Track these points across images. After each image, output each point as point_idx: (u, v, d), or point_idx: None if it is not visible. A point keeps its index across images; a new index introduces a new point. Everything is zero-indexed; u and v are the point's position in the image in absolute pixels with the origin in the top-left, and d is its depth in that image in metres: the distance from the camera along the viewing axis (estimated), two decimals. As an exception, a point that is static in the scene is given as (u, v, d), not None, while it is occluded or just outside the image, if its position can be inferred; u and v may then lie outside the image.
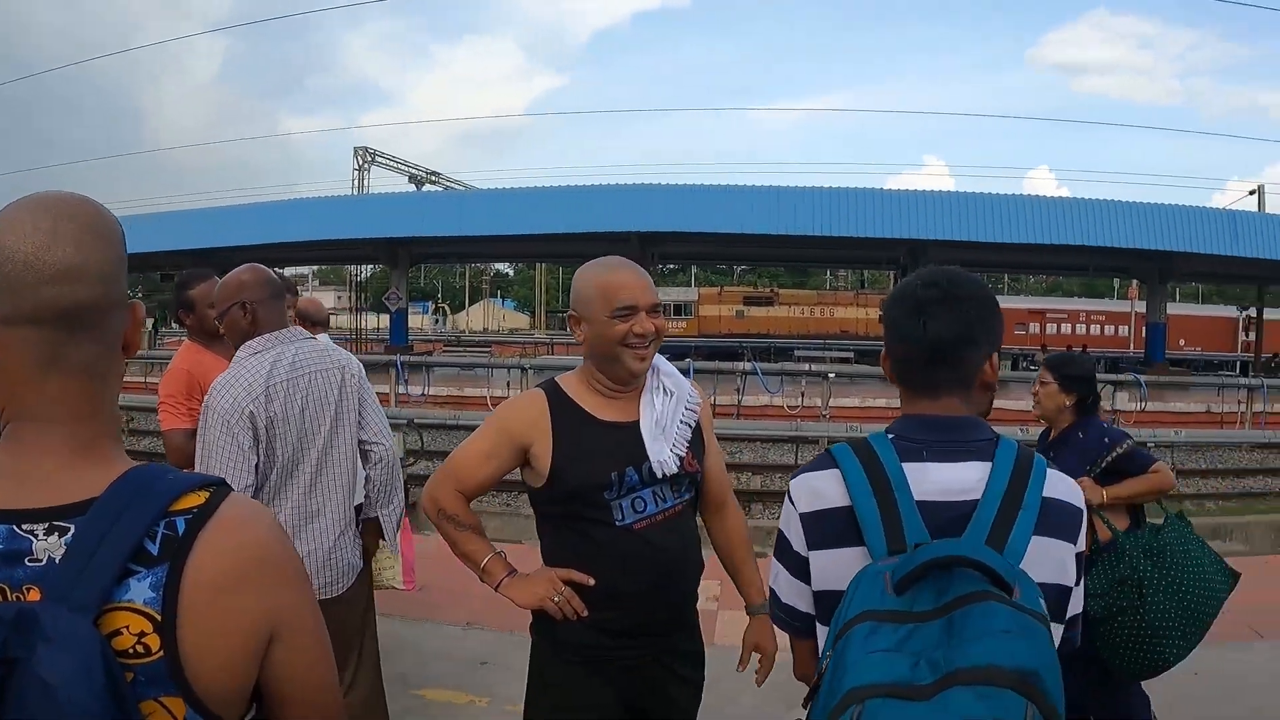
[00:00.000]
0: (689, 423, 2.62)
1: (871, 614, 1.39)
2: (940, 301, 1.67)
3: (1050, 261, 38.11)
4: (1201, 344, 48.64)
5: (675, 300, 47.24)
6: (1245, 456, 19.01)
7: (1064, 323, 48.28)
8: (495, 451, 2.56)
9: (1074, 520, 1.63)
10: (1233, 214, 31.29)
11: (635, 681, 2.55)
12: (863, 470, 1.62)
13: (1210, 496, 15.83)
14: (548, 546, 2.61)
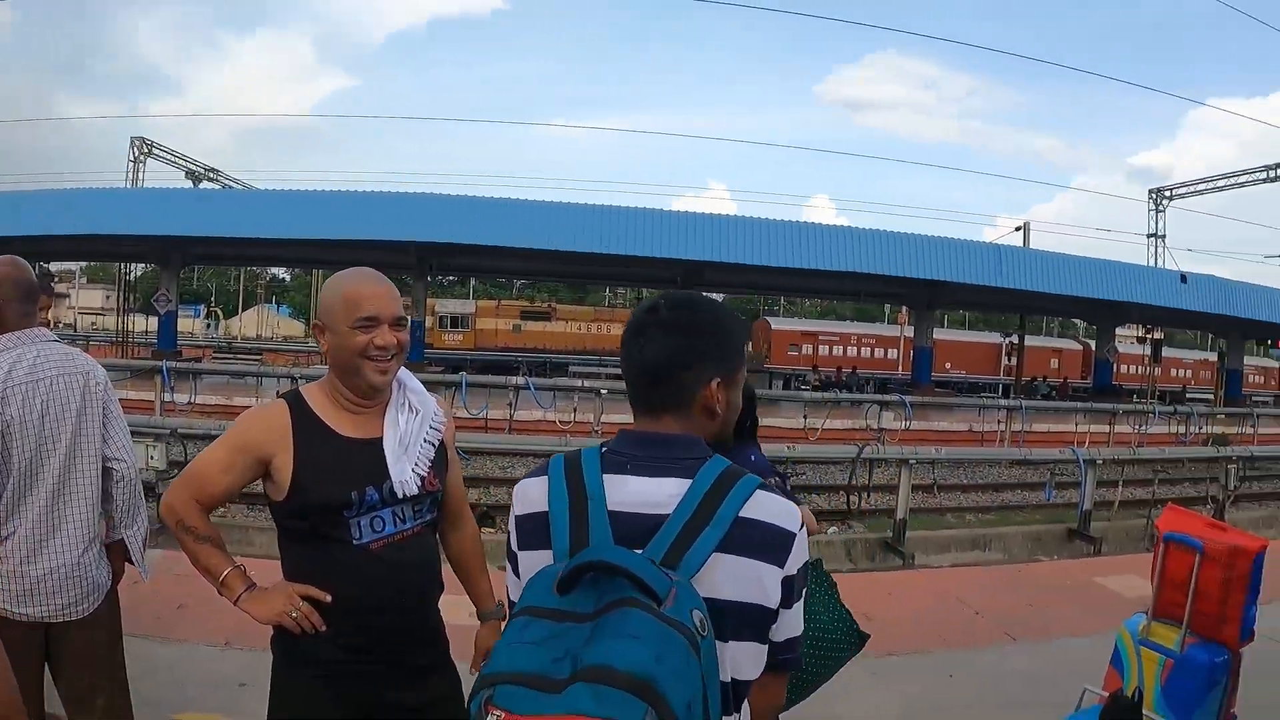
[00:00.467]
0: (433, 441, 2.65)
1: (532, 610, 1.46)
2: (657, 325, 1.74)
3: (825, 286, 39.87)
4: (966, 367, 51.79)
5: (452, 312, 47.05)
6: (1004, 472, 20.26)
7: (836, 345, 50.44)
8: (233, 463, 2.52)
9: (779, 542, 1.65)
10: (998, 248, 33.65)
11: (373, 697, 2.52)
12: (565, 478, 1.70)
13: (971, 509, 16.81)
14: (287, 561, 2.57)
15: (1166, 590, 3.84)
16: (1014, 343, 46.86)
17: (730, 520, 1.60)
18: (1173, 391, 51.80)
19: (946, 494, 17.89)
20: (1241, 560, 3.63)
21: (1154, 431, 27.15)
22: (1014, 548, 13.59)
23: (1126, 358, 51.30)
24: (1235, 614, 3.69)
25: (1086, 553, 12.84)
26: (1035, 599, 7.33)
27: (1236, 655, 3.78)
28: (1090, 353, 50.70)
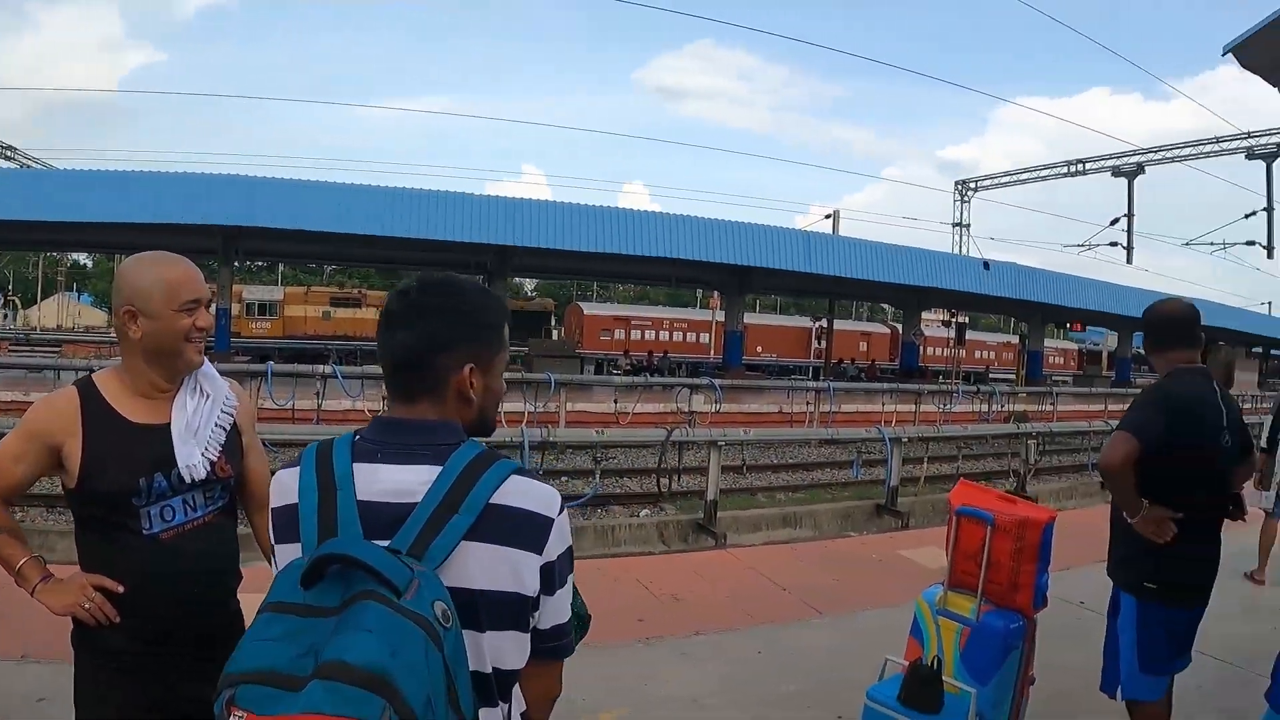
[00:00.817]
0: (224, 425, 2.60)
1: (277, 605, 1.42)
2: (410, 309, 1.72)
3: (638, 271, 40.14)
4: (778, 351, 53.18)
5: (260, 299, 45.78)
6: (814, 451, 20.84)
7: (648, 329, 51.09)
8: (25, 453, 2.47)
9: (535, 529, 1.64)
10: (808, 235, 34.54)
11: (169, 688, 2.46)
12: (315, 468, 1.66)
13: (781, 489, 17.16)
14: (82, 552, 2.52)
15: (960, 561, 3.96)
16: (823, 326, 48.37)
17: (480, 507, 1.58)
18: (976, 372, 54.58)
19: (757, 474, 18.23)
20: (1031, 531, 3.78)
21: (958, 410, 28.48)
22: (824, 524, 13.95)
23: (932, 340, 53.73)
24: (1028, 582, 3.84)
25: (894, 527, 13.28)
26: (841, 574, 7.53)
27: (1031, 621, 3.94)
28: (898, 336, 52.77)
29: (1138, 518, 3.66)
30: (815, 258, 32.78)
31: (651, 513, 13.99)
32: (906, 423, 23.66)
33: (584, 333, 48.47)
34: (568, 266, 38.94)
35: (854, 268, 34.22)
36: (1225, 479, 3.91)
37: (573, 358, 35.12)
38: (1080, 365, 68.43)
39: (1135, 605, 3.81)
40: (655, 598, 6.53)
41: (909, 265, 36.08)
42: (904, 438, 14.83)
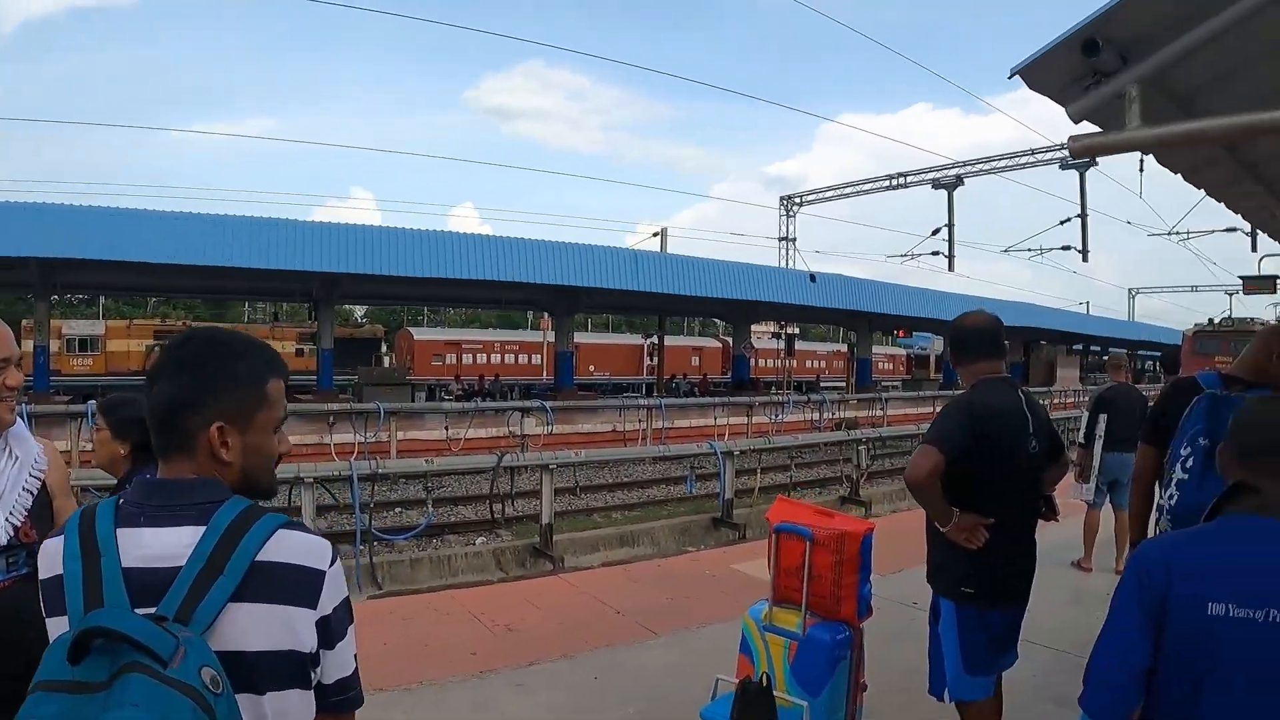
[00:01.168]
0: (31, 489, 2.51)
1: (47, 684, 1.35)
2: (162, 368, 1.66)
3: (468, 295, 39.76)
4: (610, 369, 53.44)
5: (80, 335, 43.87)
6: (648, 469, 20.94)
7: (480, 353, 50.66)
8: None
9: (306, 583, 1.59)
10: (635, 253, 34.73)
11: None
12: (79, 536, 1.56)
13: (618, 508, 17.22)
14: None
15: (783, 577, 4.01)
16: (655, 343, 48.80)
17: (245, 566, 1.52)
18: (808, 381, 55.84)
19: (593, 495, 18.27)
20: (850, 544, 3.84)
21: (790, 420, 29.11)
22: (662, 541, 14.03)
23: (763, 352, 54.73)
24: (850, 593, 3.90)
25: (731, 539, 13.44)
26: (676, 592, 7.55)
27: (857, 630, 4.00)
28: (729, 349, 53.65)
29: (949, 526, 3.75)
30: (643, 276, 33.04)
31: (487, 540, 13.85)
32: (740, 435, 24.09)
33: (415, 359, 47.80)
34: (397, 292, 38.28)
35: (682, 284, 34.61)
36: (1036, 483, 4.02)
37: (403, 385, 34.57)
38: (909, 370, 70.98)
39: (954, 610, 3.89)
40: (489, 629, 6.42)
41: (737, 280, 36.68)
42: (736, 450, 15.05)
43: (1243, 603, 1.98)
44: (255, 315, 70.87)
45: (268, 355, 1.77)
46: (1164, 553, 2.17)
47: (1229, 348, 34.09)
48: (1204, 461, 3.57)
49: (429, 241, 28.66)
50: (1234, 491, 2.21)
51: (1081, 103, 4.34)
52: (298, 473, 10.95)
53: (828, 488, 19.22)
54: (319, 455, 18.60)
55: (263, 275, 27.66)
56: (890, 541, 8.19)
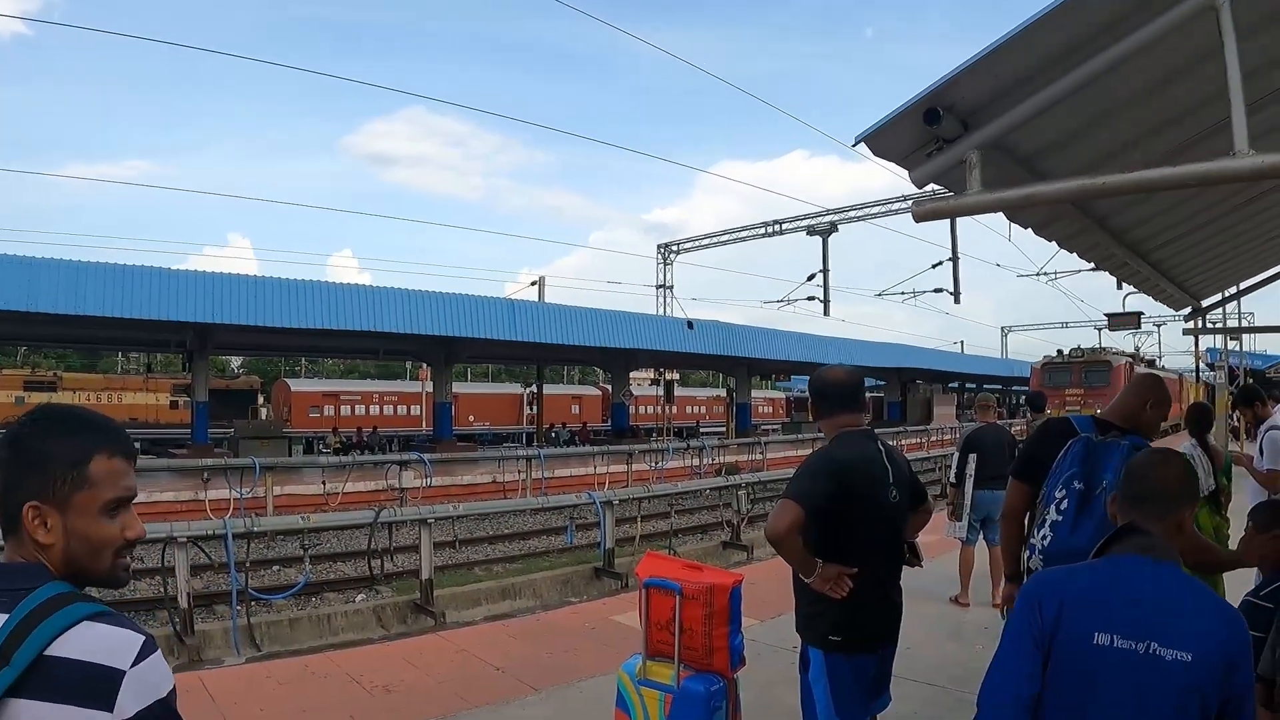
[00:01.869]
0: None
1: None
2: (0, 445, 1.63)
3: (346, 345, 39.24)
4: (490, 419, 53.17)
5: (-56, 386, 41.68)
6: (529, 520, 20.83)
7: (358, 404, 49.98)
8: None
9: (99, 682, 1.47)
10: (513, 303, 34.64)
11: None
12: None
13: (500, 560, 17.10)
14: None
15: (654, 631, 4.07)
16: (533, 392, 48.72)
17: (29, 660, 1.43)
18: (688, 427, 56.32)
19: (473, 547, 18.13)
20: (719, 596, 3.93)
21: (671, 466, 29.26)
22: (545, 593, 14.00)
23: (643, 399, 55.05)
24: (722, 645, 3.97)
25: (614, 589, 13.47)
26: (555, 646, 7.56)
27: (731, 681, 4.07)
28: (609, 397, 53.74)
29: (813, 577, 3.85)
30: (521, 325, 33.03)
31: (367, 597, 13.64)
32: (620, 483, 24.14)
33: (292, 410, 46.92)
34: (273, 343, 37.53)
35: (560, 333, 34.66)
36: (898, 531, 4.13)
37: (280, 438, 33.83)
38: (789, 413, 72.03)
39: (823, 658, 3.96)
40: (367, 691, 6.35)
41: (615, 328, 36.89)
42: (616, 500, 15.12)
43: (1125, 634, 2.17)
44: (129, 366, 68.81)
45: (99, 433, 1.69)
46: (1056, 586, 2.36)
47: (1079, 379, 33.39)
48: (1077, 505, 3.78)
49: (306, 291, 28.19)
50: (1123, 532, 2.42)
51: (924, 169, 4.54)
52: (170, 532, 10.68)
53: (709, 533, 19.42)
54: (193, 513, 18.14)
55: (134, 325, 26.82)
56: (770, 586, 8.37)
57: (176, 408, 47.28)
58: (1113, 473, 3.81)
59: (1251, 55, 3.92)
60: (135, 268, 25.49)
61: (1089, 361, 36.16)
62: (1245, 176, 3.71)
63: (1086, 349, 38.13)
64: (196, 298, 25.85)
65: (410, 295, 30.44)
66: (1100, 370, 35.29)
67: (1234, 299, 13.16)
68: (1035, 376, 37.35)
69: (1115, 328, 30.15)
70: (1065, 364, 36.54)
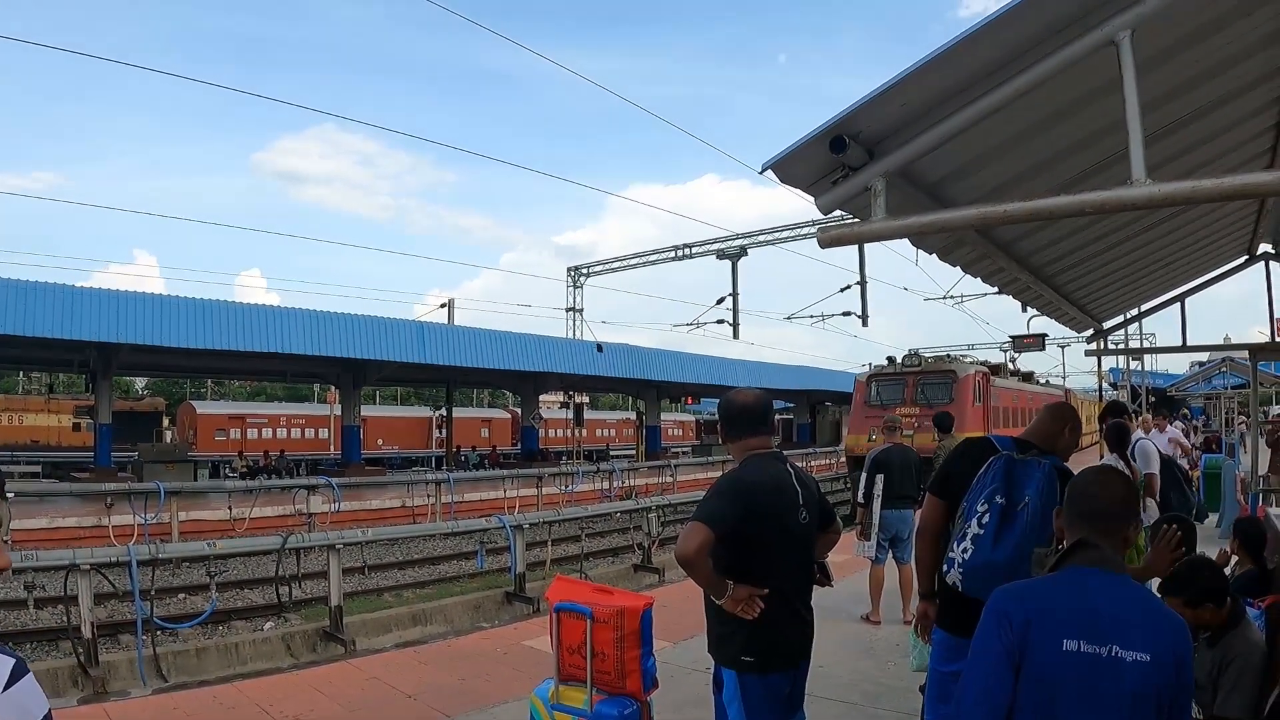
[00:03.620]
0: None
1: None
2: None
3: (252, 367, 38.53)
4: (399, 442, 52.53)
5: None
6: (439, 544, 20.70)
7: (265, 427, 48.98)
8: None
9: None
10: (422, 325, 34.39)
11: None
12: None
13: (410, 586, 16.93)
14: None
15: (566, 655, 4.12)
16: (443, 415, 48.31)
17: None
18: (598, 450, 56.22)
19: (383, 573, 17.91)
20: (630, 619, 3.98)
21: (581, 489, 29.23)
22: (456, 618, 13.90)
23: (552, 422, 54.88)
24: (634, 667, 4.03)
25: (525, 614, 13.41)
26: (468, 671, 7.54)
27: (644, 704, 4.12)
28: (518, 420, 53.49)
29: (724, 598, 3.90)
30: (429, 348, 32.81)
31: (276, 624, 13.42)
32: (530, 507, 24.06)
33: (198, 433, 45.83)
34: (179, 363, 36.71)
35: (469, 356, 34.51)
36: (808, 551, 4.20)
37: (186, 461, 33.09)
38: (699, 435, 72.33)
39: (736, 678, 3.99)
40: (277, 720, 6.28)
41: (524, 351, 36.82)
42: (526, 524, 15.07)
43: (1090, 640, 2.35)
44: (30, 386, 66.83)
45: None
46: (1021, 599, 2.51)
47: (914, 394, 27.65)
48: (999, 519, 3.92)
49: (212, 311, 27.65)
50: (1075, 548, 2.58)
51: (830, 196, 4.63)
52: (73, 559, 10.42)
53: (621, 556, 19.41)
54: (96, 539, 17.68)
55: (35, 344, 26.05)
56: (681, 608, 8.45)
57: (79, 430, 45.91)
58: (1034, 490, 3.99)
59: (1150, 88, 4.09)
60: (37, 284, 24.80)
61: (927, 372, 28.32)
62: (1141, 205, 3.87)
63: (929, 356, 30.67)
64: (100, 316, 25.21)
65: (318, 316, 30.08)
66: (941, 383, 27.64)
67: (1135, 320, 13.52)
68: (859, 391, 29.79)
69: (1021, 349, 30.67)
70: (897, 375, 28.80)
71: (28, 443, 43.21)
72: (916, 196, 5.18)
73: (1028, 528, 3.95)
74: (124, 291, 26.28)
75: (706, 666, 5.85)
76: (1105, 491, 2.71)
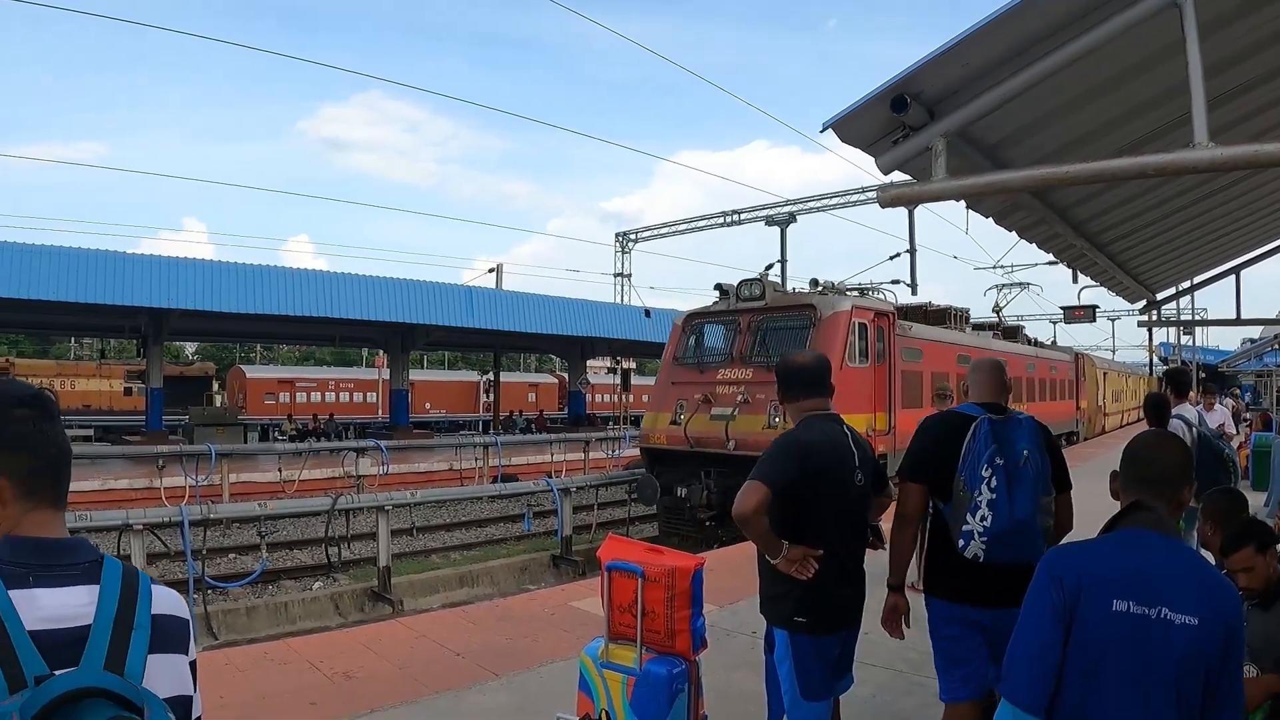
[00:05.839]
0: None
1: None
2: (46, 410, 1.67)
3: (301, 331, 38.85)
4: (447, 406, 52.86)
5: (-108, 370, 40.48)
6: (486, 507, 20.79)
7: (314, 391, 49.44)
8: None
9: (184, 632, 1.67)
10: (470, 289, 34.49)
11: None
12: None
13: (456, 548, 17.03)
14: None
15: (616, 614, 4.08)
16: (490, 379, 48.50)
17: (150, 621, 1.57)
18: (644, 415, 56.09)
19: (430, 535, 18.06)
20: (680, 579, 3.93)
21: (627, 454, 29.23)
22: (503, 580, 14.00)
23: (599, 387, 54.93)
24: (684, 627, 3.98)
25: (571, 576, 13.50)
26: (515, 632, 7.55)
27: (693, 663, 4.08)
28: (565, 385, 53.57)
29: (779, 558, 3.89)
30: (478, 312, 32.88)
31: (325, 584, 13.57)
32: (577, 471, 24.13)
33: (248, 397, 46.40)
34: (228, 328, 37.10)
35: (517, 320, 34.56)
36: (862, 513, 4.20)
37: (236, 425, 33.47)
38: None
39: (788, 639, 4.01)
40: (327, 678, 6.31)
41: (572, 316, 36.82)
42: (573, 487, 15.12)
43: (1139, 601, 2.34)
44: (82, 352, 67.87)
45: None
46: (1073, 561, 2.51)
47: (747, 345, 16.00)
48: (1006, 480, 3.89)
49: (262, 276, 27.89)
50: (1129, 510, 2.58)
51: (890, 155, 4.59)
52: (126, 519, 10.57)
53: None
54: (148, 500, 17.94)
55: (87, 310, 26.43)
56: (727, 572, 8.41)
57: (130, 394, 46.58)
58: (1028, 443, 4.01)
59: (1212, 51, 3.99)
60: (88, 251, 25.12)
61: (772, 310, 16.24)
62: (1204, 168, 3.80)
63: (773, 285, 17.37)
64: (150, 282, 25.50)
65: (367, 281, 30.24)
66: (792, 327, 15.93)
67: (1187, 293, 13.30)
68: (673, 341, 17.64)
69: (1072, 320, 29.71)
70: (729, 315, 16.54)
71: (80, 407, 43.81)
72: (975, 158, 5.11)
73: (1034, 480, 3.97)
74: (174, 258, 26.58)
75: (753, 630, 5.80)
76: (1162, 454, 2.71)
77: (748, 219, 40.25)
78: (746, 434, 14.04)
